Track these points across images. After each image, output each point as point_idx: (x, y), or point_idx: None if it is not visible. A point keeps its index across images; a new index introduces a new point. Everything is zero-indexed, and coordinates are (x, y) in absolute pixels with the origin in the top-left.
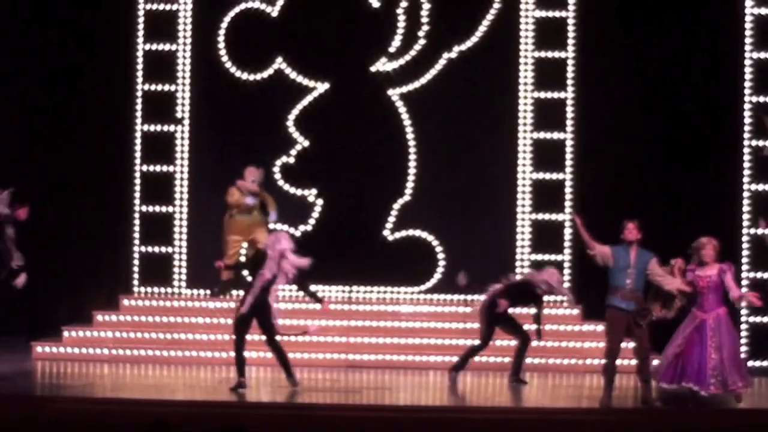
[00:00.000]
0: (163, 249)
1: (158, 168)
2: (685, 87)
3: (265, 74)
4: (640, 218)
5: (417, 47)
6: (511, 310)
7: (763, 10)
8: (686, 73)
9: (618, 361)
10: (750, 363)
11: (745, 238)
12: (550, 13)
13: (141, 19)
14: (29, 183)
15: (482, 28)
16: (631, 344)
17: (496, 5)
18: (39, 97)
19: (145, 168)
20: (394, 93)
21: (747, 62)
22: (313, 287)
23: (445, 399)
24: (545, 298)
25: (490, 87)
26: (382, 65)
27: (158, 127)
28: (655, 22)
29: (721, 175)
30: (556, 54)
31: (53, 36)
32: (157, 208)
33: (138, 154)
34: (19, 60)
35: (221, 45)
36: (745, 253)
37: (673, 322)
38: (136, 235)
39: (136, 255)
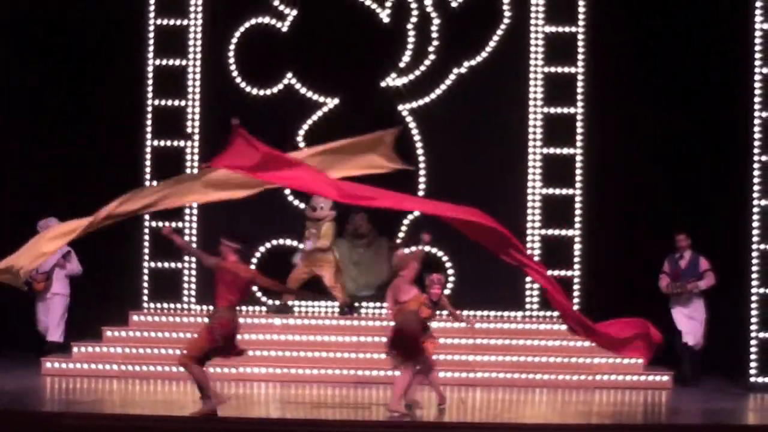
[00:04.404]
0: (173, 264)
1: None
2: (694, 102)
3: (275, 89)
4: (649, 234)
5: (427, 62)
6: None
7: None
8: (695, 87)
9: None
10: (760, 379)
11: (754, 254)
12: (560, 29)
13: (151, 34)
14: (40, 198)
15: (492, 44)
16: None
17: (506, 20)
18: (49, 111)
19: (155, 183)
20: (404, 108)
21: (756, 77)
22: (322, 303)
23: (453, 415)
24: None
25: (500, 102)
26: (392, 80)
27: (168, 142)
28: (665, 38)
29: (730, 191)
30: (566, 69)
31: (64, 50)
32: (167, 224)
33: (148, 169)
34: (30, 75)
35: (231, 60)
36: (754, 268)
37: None
38: (146, 250)
39: (146, 270)
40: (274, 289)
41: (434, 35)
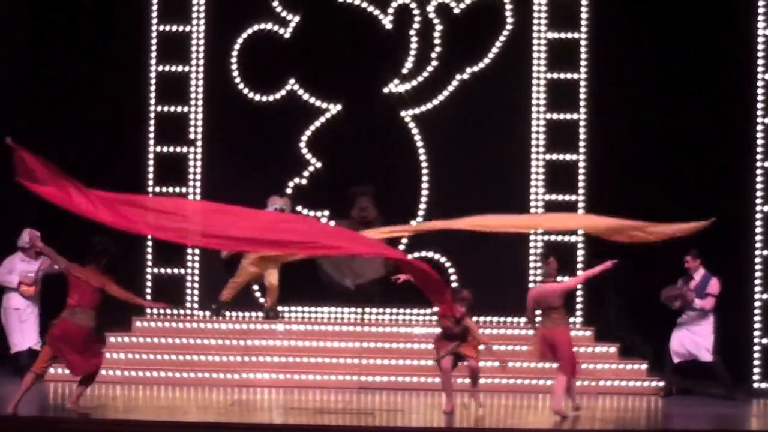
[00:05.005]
0: (176, 270)
1: (171, 189)
2: (697, 108)
3: (278, 95)
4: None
5: (429, 68)
6: None
7: None
8: (698, 94)
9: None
10: (763, 385)
11: (757, 260)
12: (563, 35)
13: (154, 41)
14: (42, 203)
15: (495, 50)
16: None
17: (509, 26)
18: (52, 117)
19: (158, 189)
20: (406, 114)
21: (759, 83)
22: (325, 309)
23: (457, 421)
24: None
25: (502, 108)
26: (395, 87)
27: (171, 149)
28: (667, 43)
29: (733, 196)
30: (569, 75)
31: (67, 56)
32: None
33: (151, 176)
34: (33, 80)
35: (234, 66)
36: (757, 274)
37: None
38: (149, 256)
39: (149, 276)
40: (126, 300)
41: (437, 41)
